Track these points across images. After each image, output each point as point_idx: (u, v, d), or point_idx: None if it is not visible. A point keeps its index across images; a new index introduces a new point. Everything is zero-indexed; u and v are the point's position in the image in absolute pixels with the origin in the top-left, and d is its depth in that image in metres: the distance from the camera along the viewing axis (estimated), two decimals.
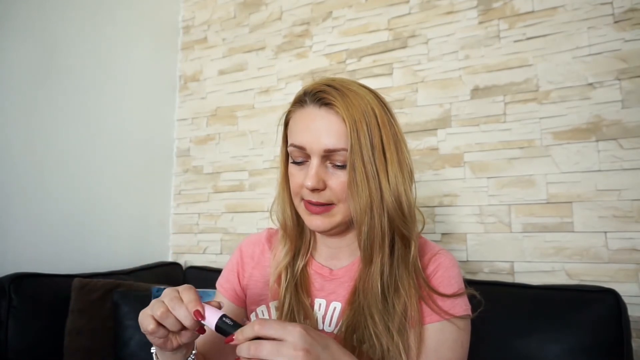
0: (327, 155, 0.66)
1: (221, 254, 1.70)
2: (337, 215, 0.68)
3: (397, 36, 1.46)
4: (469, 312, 0.69)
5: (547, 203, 1.20)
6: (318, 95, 0.67)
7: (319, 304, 0.72)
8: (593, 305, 0.94)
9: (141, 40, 1.76)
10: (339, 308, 0.70)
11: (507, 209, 1.25)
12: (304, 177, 0.67)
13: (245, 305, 0.80)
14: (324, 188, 0.66)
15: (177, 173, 1.86)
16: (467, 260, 1.28)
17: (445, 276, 0.70)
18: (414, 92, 1.41)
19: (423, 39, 1.41)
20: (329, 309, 0.71)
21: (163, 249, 1.81)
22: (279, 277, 0.74)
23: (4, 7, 1.29)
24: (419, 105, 1.39)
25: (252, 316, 0.77)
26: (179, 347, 0.59)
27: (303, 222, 0.73)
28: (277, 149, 0.91)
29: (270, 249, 0.80)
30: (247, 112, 1.71)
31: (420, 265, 0.69)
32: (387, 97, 1.50)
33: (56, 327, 1.19)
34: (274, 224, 0.78)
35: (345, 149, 0.65)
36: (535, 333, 0.94)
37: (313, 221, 0.68)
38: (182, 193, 1.83)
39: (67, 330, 1.19)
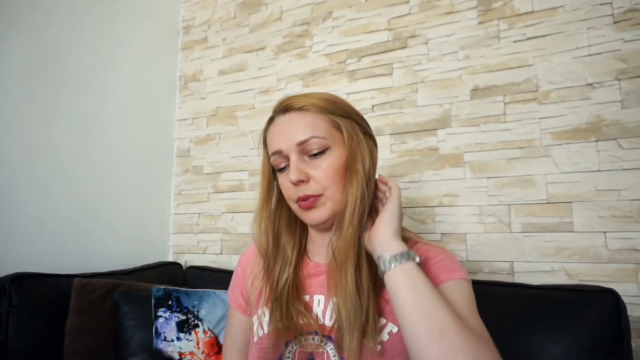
0: (302, 149, 0.72)
1: (221, 254, 1.70)
2: (328, 203, 0.72)
3: (397, 36, 1.46)
4: (469, 279, 0.72)
5: (547, 203, 1.20)
6: (282, 106, 0.76)
7: (318, 300, 0.75)
8: (593, 305, 0.94)
9: (141, 40, 1.76)
10: (336, 301, 0.72)
11: (507, 209, 1.25)
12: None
13: None
14: (308, 180, 0.72)
15: (177, 173, 1.86)
16: (467, 260, 1.28)
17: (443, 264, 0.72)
18: (414, 92, 1.41)
19: (423, 39, 1.41)
20: (328, 304, 0.73)
21: (163, 249, 1.81)
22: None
23: (3, 7, 1.29)
24: (419, 105, 1.40)
25: (255, 319, 0.78)
26: None
27: (282, 239, 0.79)
28: None
29: None
30: (247, 112, 1.71)
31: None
32: (387, 97, 1.52)
33: (56, 327, 1.19)
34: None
35: (314, 137, 0.71)
36: (534, 333, 0.94)
37: (310, 215, 0.73)
38: (182, 193, 1.84)
39: (67, 330, 1.19)
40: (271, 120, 0.78)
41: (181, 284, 1.57)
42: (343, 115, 0.75)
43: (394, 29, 1.46)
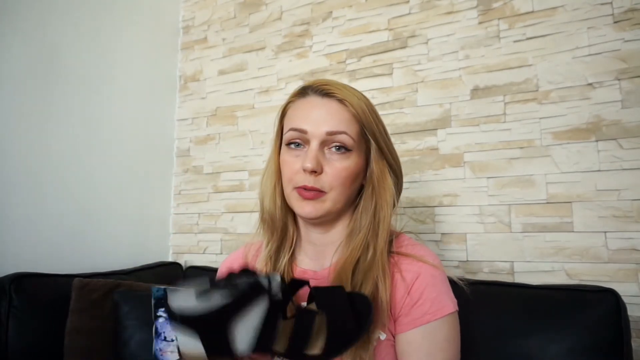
0: (327, 140, 0.70)
1: (221, 253, 1.70)
2: (328, 202, 0.70)
3: (397, 36, 1.46)
4: (456, 308, 0.70)
5: (547, 203, 1.20)
6: (320, 87, 0.72)
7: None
8: (593, 305, 0.94)
9: (141, 40, 1.76)
10: None
11: (507, 209, 1.25)
12: (300, 163, 0.70)
13: None
14: (322, 172, 0.69)
15: (177, 173, 1.86)
16: (467, 260, 1.28)
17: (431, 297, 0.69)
18: (414, 92, 1.41)
19: (423, 39, 1.41)
20: None
21: (163, 249, 1.81)
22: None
23: (3, 7, 1.29)
24: (419, 105, 1.39)
25: None
26: None
27: (288, 218, 0.76)
28: None
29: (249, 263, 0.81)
30: (247, 112, 1.71)
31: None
32: (387, 97, 1.51)
33: (56, 327, 1.19)
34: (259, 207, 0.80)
35: (344, 132, 0.69)
36: (534, 333, 0.94)
37: (305, 207, 0.70)
38: (182, 193, 1.84)
39: (67, 330, 1.19)
40: (302, 95, 0.74)
41: (181, 284, 1.57)
42: (372, 137, 0.73)
43: (394, 28, 1.46)
